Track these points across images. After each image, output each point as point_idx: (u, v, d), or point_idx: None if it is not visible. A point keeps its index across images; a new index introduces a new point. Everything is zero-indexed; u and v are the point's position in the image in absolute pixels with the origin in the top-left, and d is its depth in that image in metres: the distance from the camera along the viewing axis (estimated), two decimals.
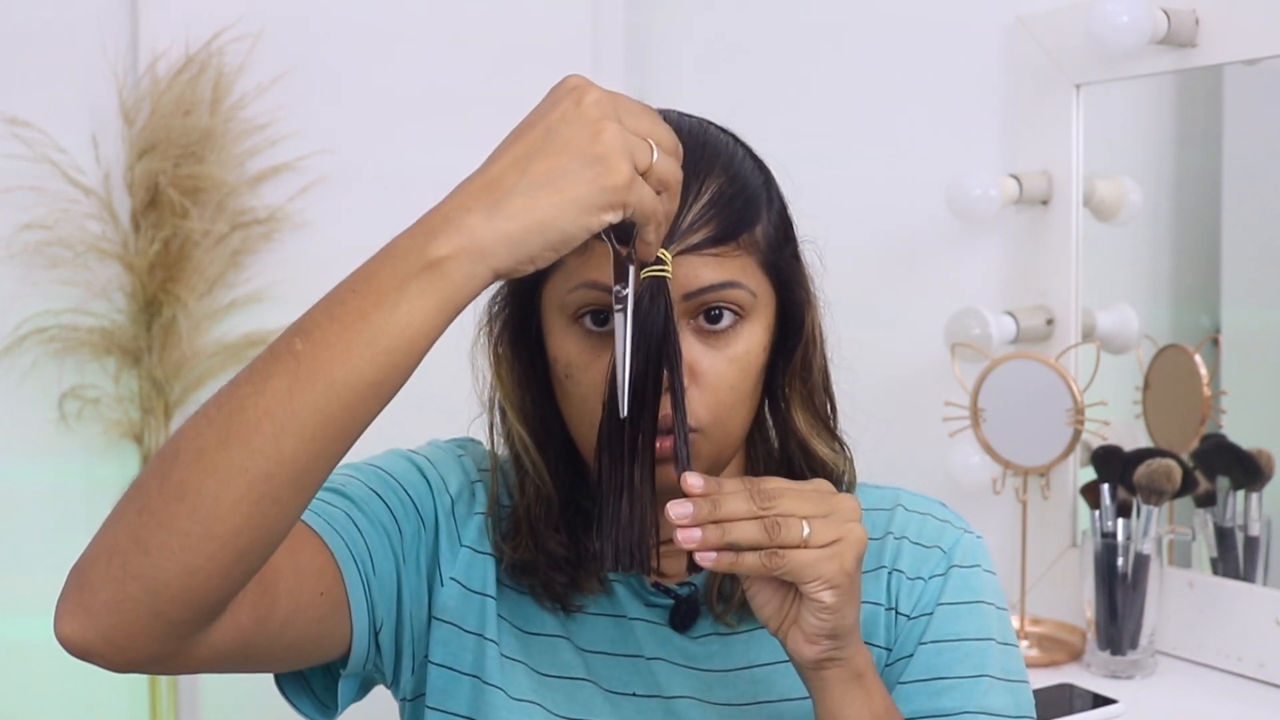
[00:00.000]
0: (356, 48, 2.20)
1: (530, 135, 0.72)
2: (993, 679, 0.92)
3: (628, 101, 0.75)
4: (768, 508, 0.77)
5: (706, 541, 0.77)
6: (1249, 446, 1.64)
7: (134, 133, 2.05)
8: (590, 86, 0.73)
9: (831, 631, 0.80)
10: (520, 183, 0.71)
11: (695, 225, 0.84)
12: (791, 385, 0.93)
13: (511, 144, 0.73)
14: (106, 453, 2.12)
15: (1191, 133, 1.80)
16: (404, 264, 0.71)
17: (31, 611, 2.10)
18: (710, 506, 0.77)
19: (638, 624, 0.96)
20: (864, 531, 0.80)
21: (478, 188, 0.72)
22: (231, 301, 2.14)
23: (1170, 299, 1.86)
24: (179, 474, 0.70)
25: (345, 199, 2.17)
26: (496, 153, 0.74)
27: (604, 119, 0.72)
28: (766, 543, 0.77)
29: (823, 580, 0.78)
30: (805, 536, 0.77)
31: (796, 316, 0.91)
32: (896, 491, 1.01)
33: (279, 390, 0.70)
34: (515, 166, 0.72)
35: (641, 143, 0.73)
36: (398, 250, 0.72)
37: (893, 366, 1.91)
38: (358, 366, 0.70)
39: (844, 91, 2.03)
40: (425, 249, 0.71)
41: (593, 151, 0.71)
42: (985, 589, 0.96)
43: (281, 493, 0.71)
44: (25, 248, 2.03)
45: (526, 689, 0.94)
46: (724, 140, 0.91)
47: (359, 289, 0.72)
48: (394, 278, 0.71)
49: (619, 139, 0.71)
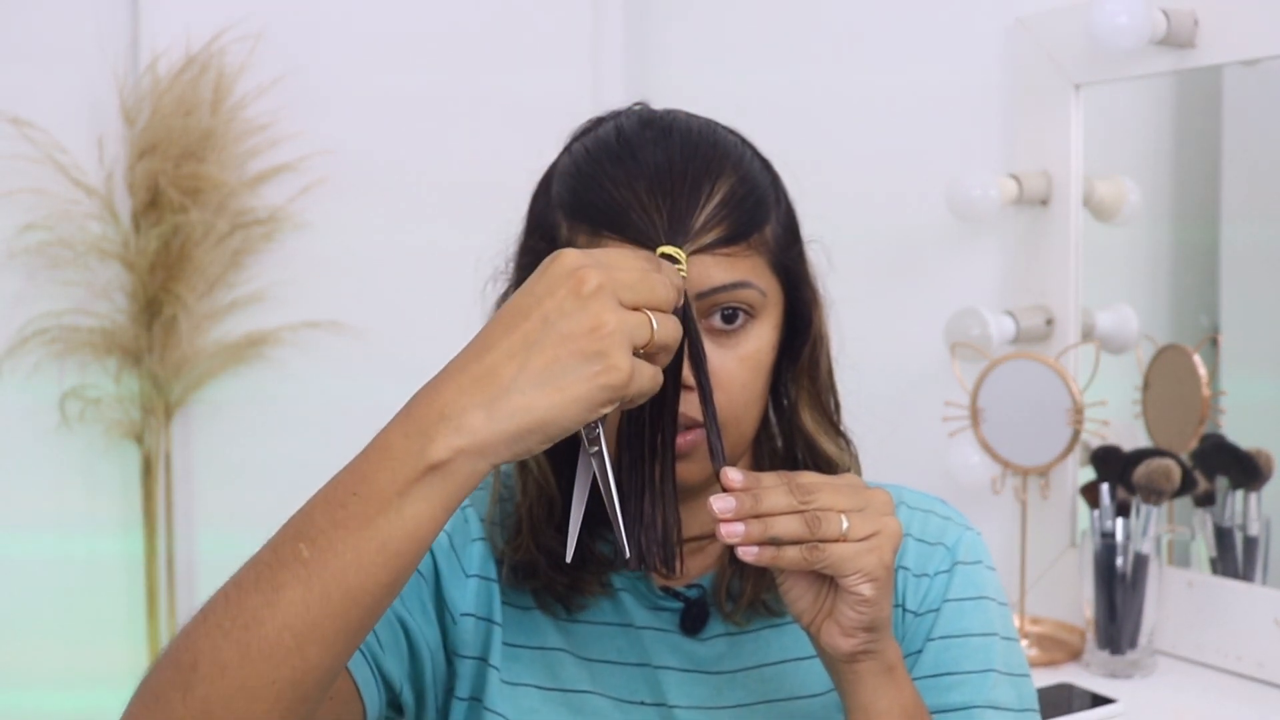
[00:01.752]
0: (357, 48, 2.21)
1: (526, 324, 0.70)
2: (999, 673, 0.93)
3: (622, 269, 0.72)
4: (807, 502, 0.78)
5: (749, 536, 0.76)
6: (1248, 446, 1.64)
7: (135, 133, 2.05)
8: (587, 269, 0.70)
9: (870, 624, 0.80)
10: (519, 379, 0.69)
11: (708, 225, 0.84)
12: (799, 384, 0.93)
13: (507, 331, 0.70)
14: (107, 453, 2.12)
15: (1191, 133, 1.81)
16: (404, 467, 0.70)
17: (33, 610, 2.10)
18: (752, 501, 0.77)
19: (645, 632, 0.96)
20: (899, 525, 0.81)
21: (471, 380, 0.70)
22: (232, 301, 2.15)
23: (1170, 299, 1.86)
24: (203, 690, 0.69)
25: (345, 199, 2.17)
26: (490, 337, 0.71)
27: (603, 309, 0.69)
28: (808, 537, 0.77)
29: (863, 573, 0.78)
30: (844, 530, 0.78)
31: (804, 316, 0.92)
32: (898, 489, 1.01)
33: (294, 603, 0.69)
34: (512, 359, 0.69)
35: (641, 321, 0.71)
36: (394, 451, 0.70)
37: (893, 366, 1.91)
38: (370, 572, 0.70)
39: (844, 92, 2.03)
40: (425, 451, 0.69)
41: (593, 348, 0.69)
42: (988, 585, 0.97)
43: (310, 693, 0.71)
44: (27, 248, 2.04)
45: (529, 710, 0.94)
46: (732, 141, 0.91)
47: (359, 492, 0.70)
48: (395, 481, 0.70)
49: (619, 329, 0.69)
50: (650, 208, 0.82)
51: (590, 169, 0.87)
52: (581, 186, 0.86)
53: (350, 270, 2.19)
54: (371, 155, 2.19)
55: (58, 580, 2.11)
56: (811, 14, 2.10)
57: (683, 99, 0.96)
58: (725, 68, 2.22)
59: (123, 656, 2.13)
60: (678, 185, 0.84)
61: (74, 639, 2.11)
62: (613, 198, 0.84)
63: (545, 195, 0.90)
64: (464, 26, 2.27)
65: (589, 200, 0.85)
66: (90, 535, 2.13)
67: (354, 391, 2.18)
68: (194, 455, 2.18)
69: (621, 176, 0.84)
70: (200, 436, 2.18)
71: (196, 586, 2.17)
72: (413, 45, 2.24)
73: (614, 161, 0.86)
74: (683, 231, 0.82)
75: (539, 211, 0.90)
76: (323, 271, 2.18)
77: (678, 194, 0.83)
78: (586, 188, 0.86)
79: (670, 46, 2.34)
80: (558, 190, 0.89)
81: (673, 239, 0.82)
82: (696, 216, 0.83)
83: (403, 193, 2.22)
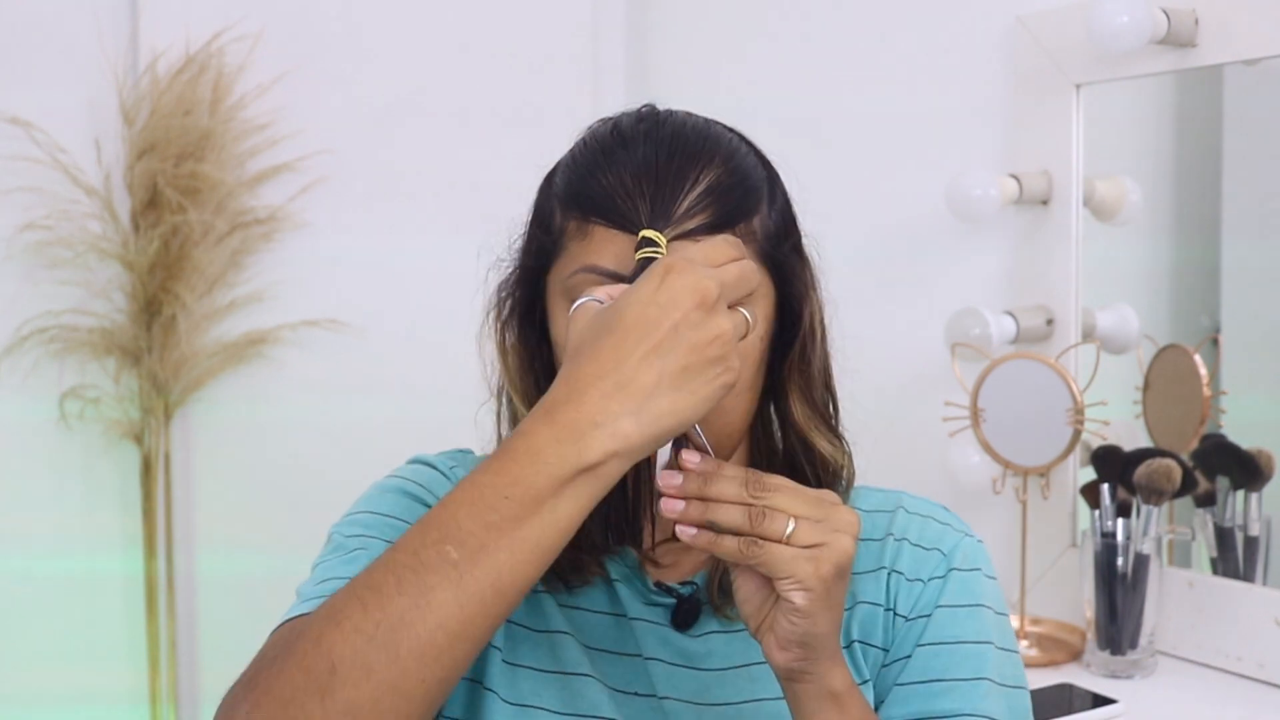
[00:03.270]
0: (356, 48, 2.21)
1: (658, 334, 0.75)
2: (992, 683, 0.92)
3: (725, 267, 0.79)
4: (758, 497, 0.79)
5: (687, 515, 0.79)
6: (1249, 446, 1.64)
7: (134, 133, 2.05)
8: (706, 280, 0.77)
9: (802, 639, 0.80)
10: (660, 385, 0.75)
11: (691, 212, 0.85)
12: (790, 378, 0.93)
13: (639, 342, 0.76)
14: (106, 452, 2.12)
15: (1191, 133, 1.80)
16: (558, 469, 0.74)
17: (32, 611, 2.10)
18: (700, 483, 0.80)
19: (638, 623, 0.96)
20: (851, 546, 0.80)
21: (615, 387, 0.75)
22: (231, 301, 2.15)
23: (1170, 299, 1.86)
24: (346, 693, 0.72)
25: (345, 199, 2.17)
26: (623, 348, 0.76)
27: (723, 319, 0.77)
28: (747, 529, 0.78)
29: (795, 580, 0.78)
30: (787, 533, 0.78)
31: (795, 310, 0.92)
32: (899, 494, 1.01)
33: (447, 603, 0.73)
34: (650, 368, 0.75)
35: (741, 320, 0.80)
36: (546, 455, 0.74)
37: (893, 366, 1.91)
38: (522, 570, 0.74)
39: (844, 91, 2.03)
40: (580, 455, 0.74)
41: (717, 353, 0.76)
42: (985, 593, 0.96)
43: (452, 686, 0.75)
44: (26, 248, 2.04)
45: (526, 692, 0.94)
46: (728, 136, 0.92)
47: (511, 495, 0.74)
48: (550, 482, 0.74)
49: (732, 333, 0.77)
50: (635, 194, 0.85)
51: (585, 160, 0.90)
52: (575, 176, 0.90)
53: (349, 270, 2.19)
54: (370, 155, 2.19)
55: (57, 580, 2.10)
56: (811, 14, 2.10)
57: (683, 100, 0.97)
58: (725, 68, 2.22)
59: (121, 653, 2.13)
60: (663, 173, 0.86)
61: (72, 639, 2.11)
62: (601, 185, 0.87)
63: (548, 186, 0.93)
64: (463, 27, 2.27)
65: (580, 189, 0.88)
66: (89, 535, 2.13)
67: (353, 390, 2.18)
68: (193, 455, 2.18)
69: (611, 166, 0.87)
70: (200, 436, 2.18)
71: (196, 587, 2.17)
72: (412, 45, 2.23)
73: (606, 152, 0.89)
74: (664, 217, 0.84)
75: (541, 202, 0.93)
76: (322, 271, 2.18)
77: (662, 181, 0.85)
78: (579, 177, 0.89)
79: (670, 48, 2.34)
80: (557, 181, 0.92)
81: (655, 224, 0.84)
82: (680, 203, 0.85)
83: (402, 192, 2.22)
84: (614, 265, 0.85)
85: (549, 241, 0.90)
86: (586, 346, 0.77)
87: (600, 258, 0.85)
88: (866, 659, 0.95)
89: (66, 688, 2.07)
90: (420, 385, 2.11)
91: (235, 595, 2.14)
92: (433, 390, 2.04)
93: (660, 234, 0.83)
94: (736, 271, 0.80)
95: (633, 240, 0.84)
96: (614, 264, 0.85)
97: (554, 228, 0.90)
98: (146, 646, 2.11)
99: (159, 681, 2.10)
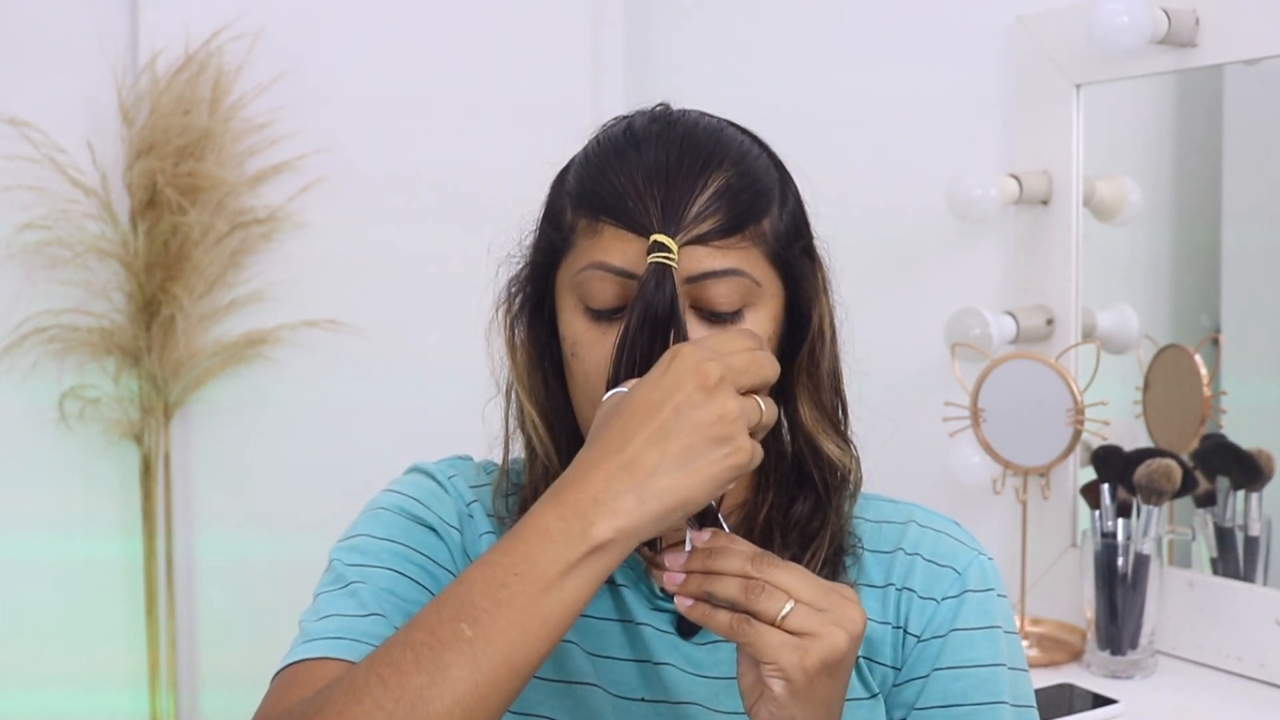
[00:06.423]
0: (356, 48, 2.20)
1: (660, 416, 0.77)
2: (1009, 705, 0.93)
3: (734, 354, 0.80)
4: (760, 572, 0.79)
5: (686, 587, 0.80)
6: (1249, 446, 1.64)
7: (133, 132, 2.05)
8: (709, 362, 0.77)
9: None
10: (661, 464, 0.76)
11: (701, 216, 0.85)
12: (799, 381, 0.93)
13: (643, 423, 0.77)
14: (106, 453, 2.12)
15: (1191, 133, 1.80)
16: (565, 548, 0.75)
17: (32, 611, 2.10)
18: (705, 557, 0.80)
19: (645, 629, 0.96)
20: (845, 643, 0.79)
21: (619, 468, 0.76)
22: (231, 301, 2.15)
23: (1170, 299, 1.86)
24: None
25: (345, 199, 2.17)
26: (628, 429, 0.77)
27: (727, 399, 0.77)
28: (742, 604, 0.78)
29: (777, 667, 0.77)
30: (782, 614, 0.78)
31: (804, 312, 0.92)
32: (910, 507, 1.00)
33: (462, 680, 0.74)
34: (653, 448, 0.76)
35: (754, 406, 0.80)
36: (553, 534, 0.76)
37: (893, 367, 1.91)
38: (534, 646, 0.75)
39: (844, 91, 2.03)
40: (586, 534, 0.75)
41: (722, 433, 0.77)
42: (998, 614, 0.96)
43: None
44: (25, 248, 2.03)
45: (530, 701, 0.94)
46: (739, 138, 0.92)
47: (521, 573, 0.75)
48: (558, 562, 0.75)
49: (740, 415, 0.77)
50: (646, 196, 0.85)
51: (597, 159, 0.90)
52: (587, 175, 0.90)
53: (349, 270, 2.19)
54: (370, 155, 2.19)
55: (56, 580, 2.10)
56: (811, 14, 2.09)
57: (683, 100, 0.97)
58: (725, 68, 2.22)
59: (121, 657, 2.13)
60: (674, 176, 0.86)
61: (72, 638, 2.11)
62: (612, 186, 0.87)
63: (560, 184, 0.93)
64: (463, 25, 2.26)
65: (591, 188, 0.88)
66: (89, 535, 2.12)
67: (353, 391, 2.18)
68: (193, 455, 2.18)
69: (623, 167, 0.87)
70: (199, 436, 2.18)
71: (195, 586, 2.17)
72: (412, 44, 2.23)
73: (618, 153, 0.89)
74: (675, 220, 0.84)
75: (552, 200, 0.94)
76: (321, 271, 2.18)
77: (673, 184, 0.86)
78: (591, 177, 0.89)
79: (670, 47, 2.34)
80: (570, 178, 0.92)
81: (666, 228, 0.84)
82: (690, 206, 0.85)
83: (402, 192, 2.22)
84: (623, 264, 0.85)
85: (559, 239, 0.90)
86: (598, 432, 0.78)
87: (609, 255, 0.86)
88: (874, 675, 0.95)
89: (67, 686, 2.07)
90: (420, 385, 2.11)
91: (234, 587, 2.15)
92: (432, 390, 2.04)
93: (672, 239, 0.83)
94: (746, 358, 0.80)
95: (643, 241, 0.84)
96: (623, 262, 0.85)
97: (564, 225, 0.90)
98: (145, 648, 2.11)
99: (158, 668, 2.10)
